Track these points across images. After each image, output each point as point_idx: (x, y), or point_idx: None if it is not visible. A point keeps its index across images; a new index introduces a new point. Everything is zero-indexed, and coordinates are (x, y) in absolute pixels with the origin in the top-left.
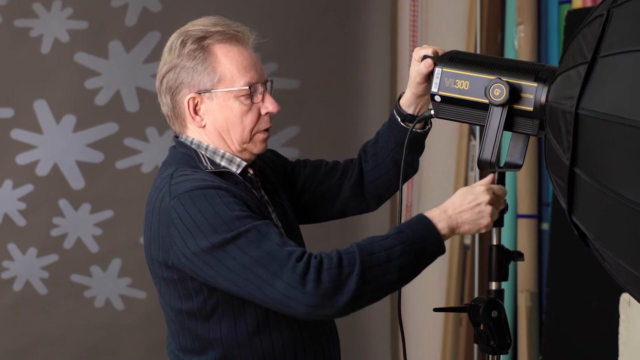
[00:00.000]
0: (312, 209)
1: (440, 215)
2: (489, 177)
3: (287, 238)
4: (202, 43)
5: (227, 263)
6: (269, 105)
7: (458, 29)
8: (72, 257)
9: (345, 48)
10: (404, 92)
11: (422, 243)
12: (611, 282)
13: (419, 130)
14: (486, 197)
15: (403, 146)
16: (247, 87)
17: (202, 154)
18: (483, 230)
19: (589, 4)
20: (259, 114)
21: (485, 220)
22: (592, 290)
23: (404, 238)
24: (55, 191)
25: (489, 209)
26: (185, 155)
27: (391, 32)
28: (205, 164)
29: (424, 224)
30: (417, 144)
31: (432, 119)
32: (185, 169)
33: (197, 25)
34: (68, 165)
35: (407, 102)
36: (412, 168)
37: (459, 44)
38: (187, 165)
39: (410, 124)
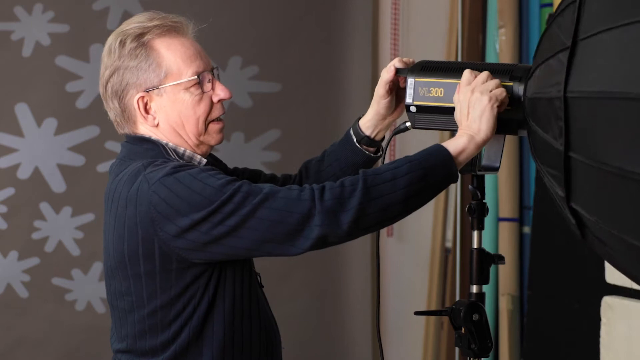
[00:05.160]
0: None
1: (455, 139)
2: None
3: None
4: (141, 40)
5: (228, 222)
6: (220, 92)
7: (439, 33)
8: (53, 261)
9: (327, 51)
10: (363, 115)
11: (430, 162)
12: (593, 285)
13: (372, 155)
14: (475, 95)
15: (352, 167)
16: (196, 77)
17: (167, 147)
18: (496, 106)
19: None
20: (211, 103)
21: (484, 100)
22: (573, 293)
23: (411, 158)
24: (36, 194)
25: (484, 98)
26: (150, 150)
27: (372, 36)
28: (173, 155)
29: (433, 148)
30: (366, 167)
31: (407, 131)
32: (156, 161)
33: (133, 23)
34: (49, 169)
35: (368, 123)
36: None
37: (440, 48)
38: (155, 158)
39: (365, 147)
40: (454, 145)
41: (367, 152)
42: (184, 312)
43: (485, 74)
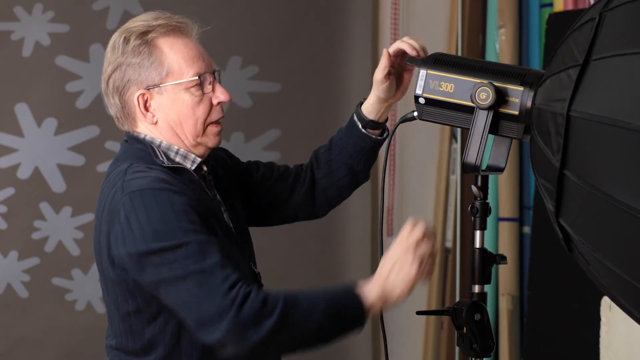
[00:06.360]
0: (261, 212)
1: (372, 288)
2: (406, 229)
3: (227, 259)
4: (145, 37)
5: (161, 270)
6: (220, 95)
7: (439, 33)
8: (53, 261)
9: (327, 51)
10: (365, 99)
11: (345, 308)
12: (593, 285)
13: (379, 137)
14: (408, 258)
15: (360, 153)
16: (197, 78)
17: (156, 148)
18: (419, 278)
19: (570, 7)
20: (211, 105)
21: (413, 270)
22: (573, 293)
23: (330, 296)
24: (36, 194)
25: (414, 267)
26: (140, 151)
27: (372, 36)
28: (161, 158)
29: (351, 293)
30: (374, 151)
31: (412, 121)
32: (140, 165)
33: (139, 21)
34: (49, 169)
35: (370, 108)
36: (365, 175)
37: (440, 47)
38: (141, 161)
39: (371, 130)
40: (368, 295)
41: (373, 136)
42: (155, 322)
43: (420, 232)
